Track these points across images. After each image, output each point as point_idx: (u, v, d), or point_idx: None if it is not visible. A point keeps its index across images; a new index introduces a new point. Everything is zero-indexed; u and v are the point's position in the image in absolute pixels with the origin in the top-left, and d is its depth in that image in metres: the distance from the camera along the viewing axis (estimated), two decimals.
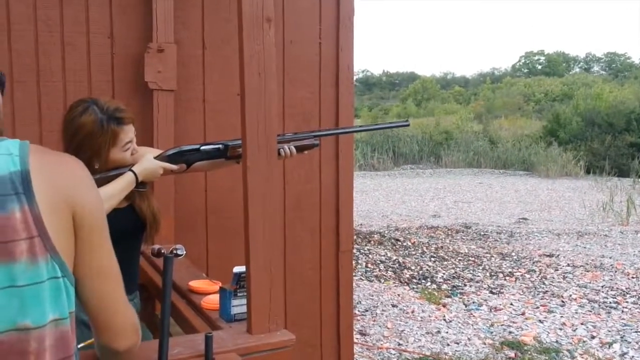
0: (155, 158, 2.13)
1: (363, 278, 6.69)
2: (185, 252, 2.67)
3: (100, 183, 1.84)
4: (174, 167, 2.16)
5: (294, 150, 2.26)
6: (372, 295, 6.06)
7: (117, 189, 1.98)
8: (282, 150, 2.20)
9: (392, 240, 8.39)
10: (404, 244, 8.27)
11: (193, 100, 3.00)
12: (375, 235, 8.62)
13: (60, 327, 1.06)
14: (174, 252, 2.63)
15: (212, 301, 2.03)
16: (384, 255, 7.54)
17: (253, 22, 1.66)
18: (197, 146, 2.20)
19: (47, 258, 1.02)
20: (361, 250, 7.67)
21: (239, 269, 1.90)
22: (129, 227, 2.04)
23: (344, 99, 3.36)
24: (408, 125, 2.71)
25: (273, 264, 1.74)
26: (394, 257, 7.48)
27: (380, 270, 7.00)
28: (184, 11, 2.94)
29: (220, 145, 2.20)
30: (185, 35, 2.96)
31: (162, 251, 2.56)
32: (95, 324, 1.19)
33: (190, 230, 3.02)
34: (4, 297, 0.99)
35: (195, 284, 2.23)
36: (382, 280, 6.64)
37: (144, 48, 2.82)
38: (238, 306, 1.91)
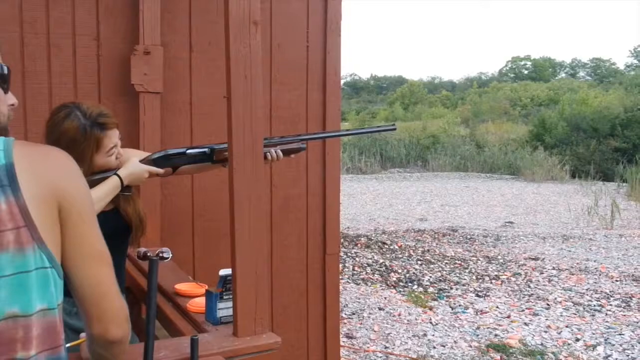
0: (141, 161, 2.12)
1: (350, 281, 6.70)
2: (171, 255, 2.67)
3: None
4: (160, 171, 2.15)
5: (280, 153, 2.27)
6: (359, 298, 6.07)
7: (103, 193, 1.97)
8: (268, 153, 2.20)
9: (379, 244, 8.40)
10: (391, 247, 8.29)
11: (179, 103, 2.99)
12: (362, 239, 8.64)
13: (48, 317, 1.07)
14: (160, 255, 2.63)
15: (198, 304, 2.03)
16: (370, 259, 7.55)
17: (240, 25, 1.66)
18: (184, 149, 2.19)
19: (35, 248, 1.03)
20: (348, 254, 7.68)
21: (225, 271, 1.90)
22: (114, 230, 2.02)
23: (331, 102, 3.38)
24: (395, 129, 2.72)
25: (259, 266, 1.75)
26: (381, 260, 7.50)
27: (367, 273, 7.01)
28: (171, 13, 2.94)
29: (206, 149, 2.19)
30: (172, 38, 2.96)
31: (148, 254, 2.55)
32: (88, 313, 1.17)
33: (176, 233, 3.01)
34: None
35: (181, 286, 2.22)
36: (369, 284, 6.65)
37: (130, 50, 2.81)
38: (224, 309, 1.91)
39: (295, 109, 3.31)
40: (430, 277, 6.97)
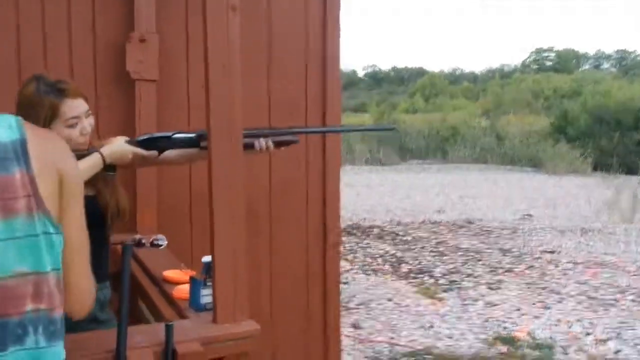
0: (126, 142, 2.11)
1: (360, 272, 6.69)
2: (166, 242, 2.67)
3: None
4: (144, 152, 2.10)
5: (271, 144, 2.19)
6: (368, 289, 6.06)
7: (82, 169, 1.94)
8: (257, 143, 2.17)
9: (392, 235, 8.38)
10: (404, 238, 8.26)
11: (175, 92, 2.99)
12: (375, 229, 8.61)
13: (58, 276, 1.20)
14: (155, 242, 2.64)
15: (183, 291, 2.04)
16: (382, 249, 7.54)
17: (217, 11, 1.65)
18: (170, 134, 2.15)
19: (40, 216, 1.16)
20: (360, 244, 7.67)
21: (207, 258, 1.90)
22: (95, 216, 2.01)
23: (331, 92, 3.34)
24: (393, 129, 2.60)
25: (237, 253, 1.74)
26: (393, 251, 7.48)
27: (378, 264, 7.00)
28: (166, 1, 2.93)
29: (193, 135, 2.17)
30: (168, 27, 2.95)
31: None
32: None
33: (174, 220, 3.01)
34: (5, 248, 1.13)
35: (169, 273, 2.23)
36: (380, 274, 6.63)
37: (126, 38, 2.82)
38: (207, 296, 1.91)
39: (295, 100, 3.28)
40: (443, 268, 6.93)
